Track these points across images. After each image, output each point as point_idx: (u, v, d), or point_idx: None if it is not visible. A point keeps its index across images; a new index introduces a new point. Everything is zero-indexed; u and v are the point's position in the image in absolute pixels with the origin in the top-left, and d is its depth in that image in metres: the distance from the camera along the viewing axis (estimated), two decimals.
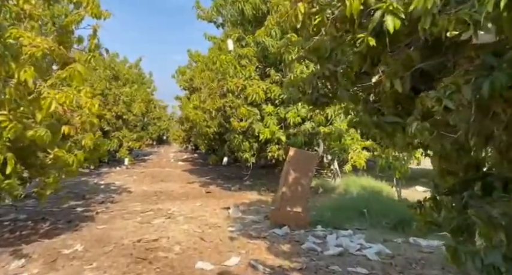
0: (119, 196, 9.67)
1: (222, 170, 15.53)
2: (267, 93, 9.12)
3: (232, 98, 9.10)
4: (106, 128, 15.76)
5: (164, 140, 37.52)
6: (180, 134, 24.70)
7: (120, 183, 11.80)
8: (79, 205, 8.33)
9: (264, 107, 9.14)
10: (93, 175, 13.71)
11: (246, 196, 9.93)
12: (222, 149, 12.51)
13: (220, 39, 10.25)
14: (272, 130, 8.86)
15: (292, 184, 7.52)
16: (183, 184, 11.96)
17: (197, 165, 18.40)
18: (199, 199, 9.28)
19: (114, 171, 15.36)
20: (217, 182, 12.65)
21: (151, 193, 10.18)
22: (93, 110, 5.86)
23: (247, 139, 9.43)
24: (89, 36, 6.65)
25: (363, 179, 10.55)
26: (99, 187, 11.08)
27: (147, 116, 22.42)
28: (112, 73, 16.56)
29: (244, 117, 9.02)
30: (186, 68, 17.02)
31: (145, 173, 14.64)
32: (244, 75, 9.22)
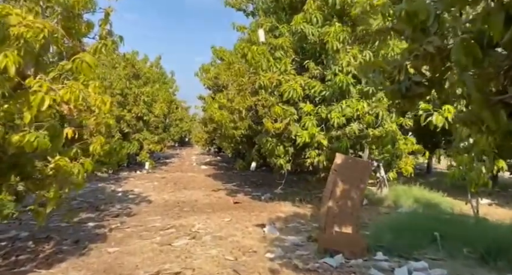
0: (137, 206, 8.59)
1: (249, 175, 14.34)
2: (305, 89, 7.86)
3: (265, 96, 7.88)
4: (126, 129, 14.83)
5: (186, 141, 36.77)
6: (202, 136, 23.71)
7: (140, 190, 10.75)
8: (91, 218, 7.27)
9: (302, 105, 7.88)
10: (112, 180, 12.76)
11: (280, 207, 8.68)
12: (250, 153, 11.31)
13: (250, 29, 9.05)
14: (311, 132, 7.59)
15: (340, 198, 6.25)
16: (207, 191, 10.81)
17: (221, 169, 17.28)
18: (227, 211, 8.08)
19: (134, 176, 14.40)
20: (244, 189, 11.45)
21: (172, 203, 9.06)
22: (103, 108, 4.73)
23: (282, 142, 8.19)
24: (100, 21, 5.58)
25: (415, 189, 9.15)
26: (116, 195, 10.06)
27: (169, 117, 21.52)
28: (132, 71, 15.64)
29: (279, 117, 7.78)
30: (210, 66, 15.92)
31: (166, 178, 13.59)
32: (278, 69, 7.99)
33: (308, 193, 10.70)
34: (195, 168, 17.55)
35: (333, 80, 7.46)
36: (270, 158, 8.56)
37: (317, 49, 8.00)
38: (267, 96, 7.86)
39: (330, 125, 7.81)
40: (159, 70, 19.90)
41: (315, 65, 8.08)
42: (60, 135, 4.59)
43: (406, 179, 10.17)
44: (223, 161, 20.96)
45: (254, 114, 8.54)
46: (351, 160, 6.61)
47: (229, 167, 17.64)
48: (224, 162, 19.97)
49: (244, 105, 7.96)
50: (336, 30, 7.25)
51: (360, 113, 7.49)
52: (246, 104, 7.95)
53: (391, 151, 7.73)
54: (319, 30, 7.60)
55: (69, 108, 4.32)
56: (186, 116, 33.01)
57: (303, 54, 8.38)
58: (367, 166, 6.44)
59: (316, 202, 9.25)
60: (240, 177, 14.17)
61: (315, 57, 8.22)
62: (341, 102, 7.70)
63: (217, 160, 22.12)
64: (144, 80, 16.53)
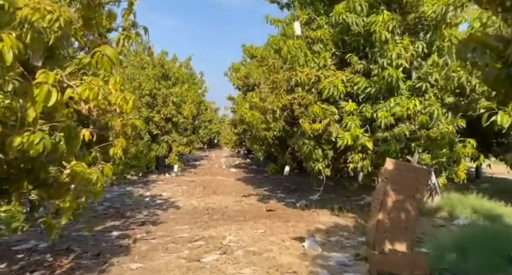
0: (165, 213, 8.05)
1: (281, 179, 13.60)
2: (347, 86, 7.06)
3: (302, 94, 7.13)
4: (154, 131, 14.47)
5: (215, 143, 36.45)
6: (231, 137, 23.20)
7: (168, 195, 10.25)
8: (116, 226, 6.77)
9: (344, 104, 7.08)
10: (140, 184, 12.37)
11: (318, 217, 7.89)
12: (283, 156, 10.56)
13: (284, 22, 8.34)
14: (354, 134, 6.78)
15: (392, 210, 5.42)
16: (237, 197, 10.17)
17: (251, 172, 16.63)
18: (260, 220, 7.39)
19: (163, 179, 13.99)
20: (277, 195, 10.73)
21: (201, 209, 8.47)
22: (125, 107, 4.15)
23: (321, 145, 7.41)
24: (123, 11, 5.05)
25: (471, 197, 8.12)
26: (143, 199, 9.59)
27: (198, 118, 21.13)
28: (161, 72, 15.28)
29: (318, 117, 7.02)
30: (240, 65, 15.34)
31: (195, 182, 13.07)
32: (317, 64, 7.24)
33: (347, 200, 9.86)
34: (224, 171, 17.00)
35: (380, 75, 6.63)
36: (306, 162, 7.80)
37: (361, 41, 7.18)
38: (304, 94, 7.12)
39: (376, 125, 6.98)
40: (188, 71, 19.54)
41: (358, 59, 7.26)
42: (77, 137, 4.05)
43: (456, 186, 9.14)
44: (253, 163, 20.31)
45: (289, 115, 7.81)
46: (404, 165, 5.76)
47: (259, 170, 16.98)
48: (254, 165, 19.32)
49: (278, 104, 7.25)
50: (384, 19, 6.42)
51: (410, 112, 6.61)
52: (280, 103, 7.24)
53: (447, 154, 6.79)
54: (364, 20, 6.78)
55: (89, 107, 3.76)
56: (215, 117, 32.69)
57: (344, 47, 7.57)
58: (424, 173, 5.56)
59: (358, 211, 8.41)
60: (271, 181, 13.46)
61: (358, 51, 7.40)
62: (389, 100, 6.86)
63: (246, 162, 21.52)
64: (173, 80, 16.16)
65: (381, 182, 5.67)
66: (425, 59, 7.18)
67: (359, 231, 6.72)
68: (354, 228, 7.02)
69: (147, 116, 13.97)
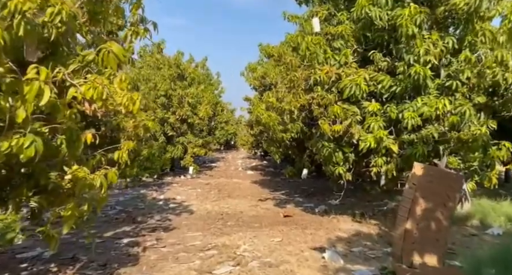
0: (177, 218, 7.75)
1: (299, 182, 13.15)
2: (370, 85, 6.61)
3: (321, 93, 6.71)
4: (169, 133, 14.25)
5: (232, 145, 36.19)
6: (248, 139, 22.88)
7: (182, 198, 9.97)
8: (126, 232, 6.49)
9: (366, 104, 6.63)
10: (155, 186, 12.15)
11: (338, 224, 7.44)
12: (300, 159, 10.14)
13: (303, 18, 7.93)
14: (378, 136, 6.31)
15: (421, 219, 4.98)
16: (253, 201, 9.80)
17: (268, 175, 16.24)
18: (277, 227, 7.00)
19: (178, 181, 13.75)
20: (294, 199, 10.31)
21: (215, 214, 8.13)
22: (132, 108, 3.83)
23: (341, 147, 6.97)
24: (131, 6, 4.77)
25: (505, 205, 7.54)
26: (156, 203, 9.33)
27: (214, 119, 20.89)
28: (177, 72, 15.06)
29: (338, 118, 6.58)
30: (257, 65, 14.98)
31: (210, 185, 12.77)
32: (337, 62, 6.81)
33: (369, 205, 9.36)
34: (240, 173, 16.66)
35: (406, 73, 6.15)
36: (326, 165, 7.36)
37: (384, 37, 6.71)
38: (323, 94, 6.69)
39: (402, 127, 6.50)
40: (204, 71, 19.31)
41: (382, 56, 6.79)
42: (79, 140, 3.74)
43: (485, 191, 8.53)
44: (270, 165, 19.91)
45: (307, 115, 7.40)
46: (434, 171, 5.28)
47: (276, 173, 16.58)
48: (271, 167, 18.92)
49: (296, 104, 6.84)
50: (411, 13, 5.94)
51: (440, 112, 6.11)
52: (298, 103, 6.84)
53: (480, 158, 6.26)
54: (389, 14, 6.32)
55: (94, 108, 3.46)
56: (231, 118, 32.43)
57: (367, 43, 7.11)
58: (456, 179, 5.08)
59: (381, 217, 7.93)
60: (288, 184, 13.04)
61: (381, 47, 6.93)
62: (415, 100, 6.36)
63: (263, 164, 21.14)
64: (189, 81, 15.93)
65: (408, 188, 5.21)
66: (455, 55, 6.66)
67: (383, 240, 6.26)
68: (378, 237, 6.55)
69: (162, 117, 13.76)
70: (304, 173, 10.77)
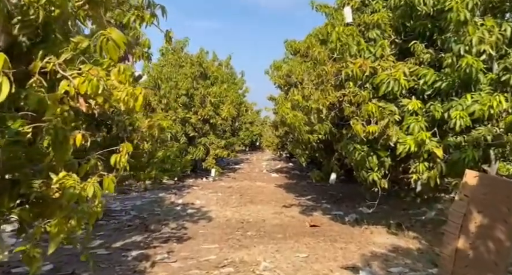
0: (194, 226, 7.16)
1: (326, 186, 12.32)
2: (410, 80, 5.79)
3: (353, 89, 5.94)
4: (191, 133, 13.75)
5: (257, 146, 35.59)
6: (273, 140, 22.19)
7: (201, 203, 9.39)
8: (136, 243, 5.95)
9: (405, 102, 5.80)
10: (175, 189, 11.66)
11: (372, 236, 6.64)
12: (328, 162, 9.35)
13: (332, 8, 7.17)
14: (419, 138, 5.48)
15: (476, 237, 4.16)
16: (277, 207, 9.09)
17: (293, 178, 15.47)
18: (302, 239, 6.28)
19: (199, 184, 13.22)
20: (322, 206, 9.54)
21: (235, 222, 7.49)
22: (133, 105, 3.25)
23: (376, 151, 6.17)
24: None
25: None
26: (174, 208, 8.79)
27: (238, 120, 20.33)
28: (199, 71, 14.55)
29: (373, 118, 5.79)
30: (282, 63, 14.25)
31: (232, 188, 12.15)
32: (372, 54, 6.02)
33: (405, 214, 8.48)
34: (264, 176, 15.97)
35: (455, 65, 5.29)
36: (358, 171, 6.57)
37: (427, 25, 5.87)
38: (356, 90, 5.92)
39: (447, 128, 5.63)
40: (229, 70, 18.77)
41: (425, 47, 5.94)
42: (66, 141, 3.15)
43: None
44: (296, 168, 19.11)
45: (337, 115, 6.63)
46: (490, 179, 4.43)
47: (302, 176, 15.79)
48: (296, 169, 18.12)
49: (324, 102, 6.09)
50: None
51: (494, 111, 5.20)
52: (327, 101, 6.08)
53: None
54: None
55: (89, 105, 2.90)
56: (257, 119, 31.81)
57: (406, 34, 6.28)
58: None
59: (420, 229, 7.06)
60: (315, 189, 12.24)
61: (423, 37, 6.09)
62: (464, 97, 5.48)
63: (288, 166, 20.37)
64: (212, 80, 15.41)
65: (458, 200, 4.38)
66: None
67: (425, 258, 5.42)
68: (419, 253, 5.71)
69: (183, 117, 13.28)
70: (333, 178, 9.96)
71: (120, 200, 9.80)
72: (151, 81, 13.75)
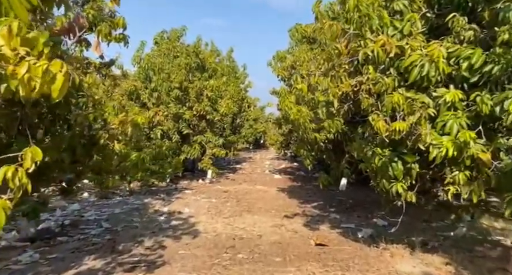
0: (175, 243, 5.88)
1: (334, 190, 10.98)
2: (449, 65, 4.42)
3: (374, 75, 4.58)
4: (185, 131, 12.45)
5: (261, 144, 34.26)
6: (277, 138, 20.84)
7: (189, 212, 8.10)
8: (94, 272, 4.67)
9: (441, 91, 4.44)
10: (163, 193, 10.41)
11: (393, 260, 5.30)
12: (338, 165, 8.00)
13: None
14: (461, 140, 4.12)
15: None
16: (277, 218, 7.78)
17: (298, 180, 14.14)
18: (306, 265, 4.96)
19: (193, 187, 11.96)
20: (330, 216, 8.20)
21: (225, 239, 6.19)
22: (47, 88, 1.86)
23: (401, 155, 4.81)
24: None
25: None
26: (156, 219, 7.50)
27: (240, 116, 19.02)
28: (196, 62, 13.23)
29: (399, 112, 4.44)
30: (286, 53, 12.89)
31: (229, 192, 10.85)
32: (398, 31, 4.66)
33: (428, 228, 7.15)
34: (266, 177, 14.65)
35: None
36: (377, 179, 5.21)
37: None
38: (377, 76, 4.56)
39: (499, 126, 4.28)
40: (230, 63, 17.45)
41: (466, 22, 4.57)
42: None
43: None
44: (301, 168, 17.75)
45: (350, 109, 5.27)
46: None
47: (307, 178, 14.46)
48: (302, 170, 16.77)
49: (336, 92, 4.75)
50: None
51: None
52: (339, 91, 4.74)
53: None
54: None
55: None
56: (261, 116, 30.44)
57: (441, 6, 4.91)
58: None
59: (451, 250, 5.72)
60: (322, 193, 10.88)
61: (464, 9, 4.71)
62: None
63: (293, 166, 19.03)
64: (210, 72, 14.10)
65: None
66: None
67: None
68: None
69: (176, 113, 11.99)
70: (343, 184, 8.66)
71: (98, 206, 8.57)
72: (141, 73, 12.49)
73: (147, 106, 12.28)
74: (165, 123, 11.82)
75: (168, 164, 10.38)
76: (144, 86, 12.37)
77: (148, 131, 11.94)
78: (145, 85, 12.39)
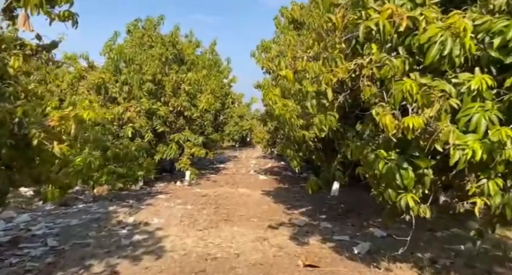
0: (131, 268, 4.76)
1: (324, 194, 9.95)
2: None
3: (379, 56, 3.52)
4: (160, 128, 11.27)
5: (247, 142, 33.15)
6: (263, 136, 19.79)
7: (159, 223, 6.98)
8: None
9: (463, 77, 3.41)
10: (133, 199, 9.27)
11: None
12: (329, 167, 6.94)
13: None
14: (495, 139, 3.11)
15: None
16: (260, 230, 6.71)
17: (285, 181, 13.12)
18: None
19: (170, 190, 10.83)
20: (320, 226, 7.17)
21: (195, 261, 5.09)
22: None
23: (411, 159, 3.78)
24: None
25: None
26: (116, 232, 6.36)
27: (223, 113, 17.87)
28: (172, 53, 12.04)
29: (412, 104, 3.39)
30: (272, 43, 11.80)
31: (208, 197, 9.74)
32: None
33: (433, 240, 6.19)
34: (251, 178, 13.57)
35: None
36: (379, 188, 4.18)
37: None
38: (383, 58, 3.51)
39: None
40: (213, 57, 16.25)
41: None
42: None
43: None
44: (288, 168, 16.67)
45: (347, 100, 4.21)
46: None
47: (295, 178, 13.46)
48: (289, 170, 15.71)
49: (330, 78, 3.69)
50: None
51: None
52: (334, 78, 3.68)
53: None
54: None
55: None
56: (247, 112, 29.29)
57: None
58: None
59: (466, 271, 4.74)
60: (311, 197, 9.76)
61: None
62: None
63: (280, 166, 18.00)
64: (189, 65, 12.93)
65: None
66: None
67: None
68: None
69: (148, 109, 10.80)
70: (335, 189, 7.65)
71: (53, 217, 7.39)
72: (111, 64, 11.26)
73: (117, 101, 11.08)
74: (137, 120, 10.63)
75: (138, 166, 9.25)
76: (115, 80, 11.15)
77: (118, 129, 10.75)
78: (116, 78, 11.16)
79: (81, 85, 10.68)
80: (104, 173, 8.36)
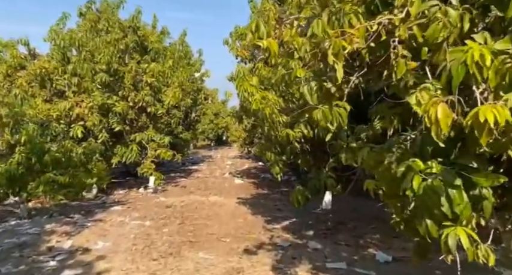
0: None
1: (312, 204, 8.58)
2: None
3: (420, 6, 2.14)
4: (117, 127, 9.60)
5: (224, 140, 31.59)
6: (239, 134, 18.36)
7: (102, 249, 5.41)
8: None
9: None
10: (81, 212, 7.64)
11: None
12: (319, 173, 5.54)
13: None
14: None
15: None
16: (233, 256, 5.25)
17: (264, 185, 11.73)
18: None
19: (130, 199, 9.24)
20: (308, 247, 5.78)
21: None
22: None
23: (461, 172, 2.43)
24: None
25: None
26: (41, 266, 4.76)
27: (195, 110, 16.31)
28: (133, 40, 10.39)
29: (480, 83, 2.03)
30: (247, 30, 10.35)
31: (172, 208, 8.19)
32: None
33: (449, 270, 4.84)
34: (225, 182, 12.08)
35: None
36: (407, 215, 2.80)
37: None
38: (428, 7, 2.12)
39: None
40: (183, 48, 14.62)
41: None
42: None
43: None
44: (266, 169, 15.36)
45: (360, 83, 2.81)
46: None
47: (274, 182, 12.00)
48: (268, 172, 14.35)
49: (343, 45, 2.28)
50: None
51: None
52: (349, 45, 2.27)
53: None
54: None
55: None
56: (222, 109, 27.75)
57: None
58: None
59: None
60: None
61: None
62: None
63: (258, 167, 16.61)
64: (153, 55, 11.30)
65: None
66: None
67: None
68: None
69: (102, 104, 9.12)
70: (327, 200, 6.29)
71: None
72: (57, 52, 9.49)
73: (65, 95, 9.36)
74: (89, 117, 8.96)
75: (87, 172, 7.60)
76: (62, 70, 9.40)
77: (66, 127, 9.06)
78: (64, 68, 9.42)
79: (20, 76, 8.91)
80: (40, 183, 6.71)
